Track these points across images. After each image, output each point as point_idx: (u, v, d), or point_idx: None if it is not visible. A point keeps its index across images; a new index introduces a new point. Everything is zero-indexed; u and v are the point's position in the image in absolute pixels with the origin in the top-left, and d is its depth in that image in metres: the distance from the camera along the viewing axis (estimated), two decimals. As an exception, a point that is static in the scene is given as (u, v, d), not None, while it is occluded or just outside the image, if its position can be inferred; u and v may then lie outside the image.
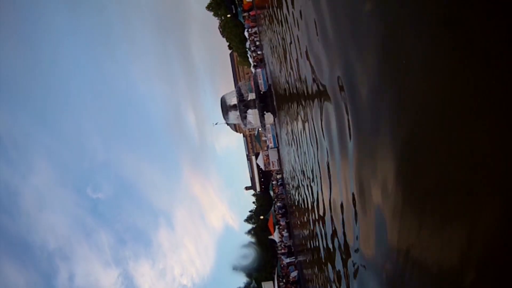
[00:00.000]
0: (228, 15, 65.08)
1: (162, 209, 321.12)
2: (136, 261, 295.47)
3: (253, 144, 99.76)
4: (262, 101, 23.76)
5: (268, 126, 34.14)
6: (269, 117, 25.72)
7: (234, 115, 26.05)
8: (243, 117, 25.41)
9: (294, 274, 19.99)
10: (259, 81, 26.04)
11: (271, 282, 34.40)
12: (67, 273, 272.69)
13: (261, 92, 24.54)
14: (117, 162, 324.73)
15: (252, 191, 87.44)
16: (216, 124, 73.75)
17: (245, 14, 39.79)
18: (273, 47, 19.72)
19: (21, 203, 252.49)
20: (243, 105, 25.29)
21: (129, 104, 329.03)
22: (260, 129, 32.77)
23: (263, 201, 64.55)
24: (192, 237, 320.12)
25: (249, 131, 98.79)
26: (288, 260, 32.24)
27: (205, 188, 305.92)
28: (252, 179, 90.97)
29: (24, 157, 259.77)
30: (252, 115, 25.96)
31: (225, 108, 25.89)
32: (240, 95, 25.62)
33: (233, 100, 26.07)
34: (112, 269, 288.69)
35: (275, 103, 23.88)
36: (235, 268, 57.89)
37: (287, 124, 20.00)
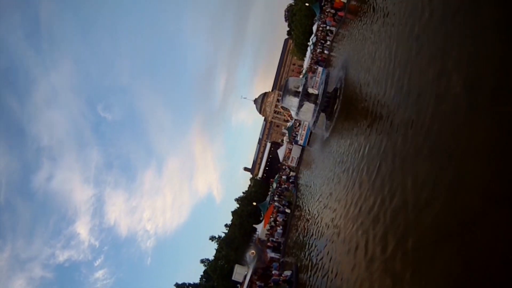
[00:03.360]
0: (307, 3, 63.91)
1: (158, 152, 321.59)
2: (114, 189, 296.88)
3: (270, 131, 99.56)
4: (326, 101, 23.34)
5: (307, 124, 33.89)
6: (322, 118, 25.36)
7: (290, 101, 25.66)
8: (299, 107, 25.05)
9: (287, 273, 19.95)
10: (321, 80, 25.67)
11: (246, 267, 34.51)
12: (47, 173, 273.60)
13: (327, 92, 24.10)
14: (137, 92, 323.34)
15: (249, 174, 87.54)
16: (244, 98, 72.88)
17: (332, 11, 38.92)
18: (357, 53, 19.18)
19: (34, 92, 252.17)
20: (304, 96, 24.90)
21: (170, 46, 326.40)
22: (307, 123, 32.55)
23: (259, 188, 64.60)
24: (173, 190, 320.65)
25: (272, 118, 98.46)
26: (273, 254, 32.25)
27: (205, 150, 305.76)
28: (255, 163, 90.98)
29: (54, 52, 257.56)
30: (307, 108, 25.57)
31: (286, 91, 25.46)
32: (305, 85, 25.19)
33: (296, 87, 25.63)
34: (90, 188, 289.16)
35: (336, 108, 23.48)
36: (211, 239, 58.29)
37: (339, 133, 19.63)
